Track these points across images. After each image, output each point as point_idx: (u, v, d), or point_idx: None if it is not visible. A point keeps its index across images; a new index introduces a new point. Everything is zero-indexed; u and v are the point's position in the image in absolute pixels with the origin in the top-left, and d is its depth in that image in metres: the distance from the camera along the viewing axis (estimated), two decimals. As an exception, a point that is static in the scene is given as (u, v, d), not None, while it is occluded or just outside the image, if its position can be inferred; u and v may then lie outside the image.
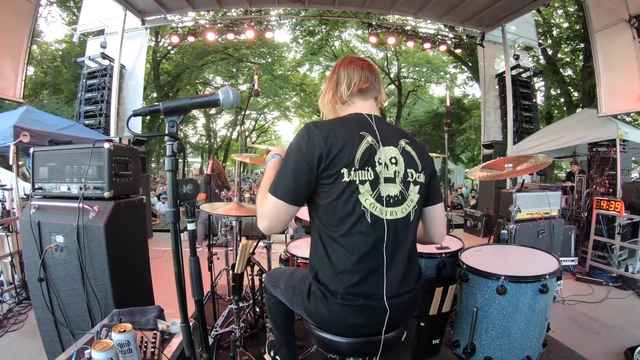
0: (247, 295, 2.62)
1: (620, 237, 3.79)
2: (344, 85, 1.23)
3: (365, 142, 1.12)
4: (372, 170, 1.11)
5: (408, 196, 1.17)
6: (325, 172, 1.07)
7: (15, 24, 4.04)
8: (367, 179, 1.10)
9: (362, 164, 1.09)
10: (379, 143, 1.14)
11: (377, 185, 1.11)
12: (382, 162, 1.13)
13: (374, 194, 1.10)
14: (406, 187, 1.17)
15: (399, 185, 1.15)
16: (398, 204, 1.14)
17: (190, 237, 1.05)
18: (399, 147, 1.18)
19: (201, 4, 6.52)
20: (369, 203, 1.10)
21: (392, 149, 1.16)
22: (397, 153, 1.17)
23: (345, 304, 1.12)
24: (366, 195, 1.09)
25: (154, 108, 0.98)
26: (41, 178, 2.02)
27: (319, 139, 1.08)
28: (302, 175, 1.08)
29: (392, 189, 1.14)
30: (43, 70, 14.75)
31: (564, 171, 13.12)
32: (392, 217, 1.13)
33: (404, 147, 1.20)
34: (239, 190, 2.74)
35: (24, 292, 3.06)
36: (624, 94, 4.29)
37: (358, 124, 1.16)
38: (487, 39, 7.27)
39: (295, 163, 1.09)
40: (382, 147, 1.14)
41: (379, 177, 1.12)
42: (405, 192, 1.16)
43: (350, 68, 1.24)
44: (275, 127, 25.44)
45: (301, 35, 16.04)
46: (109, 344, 1.12)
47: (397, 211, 1.14)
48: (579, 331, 2.66)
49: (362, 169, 1.09)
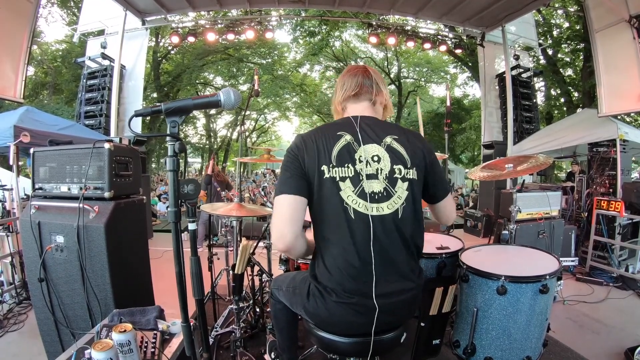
0: (247, 296, 2.62)
1: (620, 237, 3.79)
2: (339, 93, 1.33)
3: (342, 140, 1.18)
4: (352, 167, 1.15)
5: (395, 193, 1.17)
6: (309, 171, 1.15)
7: (16, 24, 4.04)
8: (347, 175, 1.14)
9: (340, 162, 1.15)
10: (359, 141, 1.18)
11: (358, 181, 1.14)
12: (363, 160, 1.16)
13: (356, 190, 1.14)
14: (392, 183, 1.17)
15: (382, 181, 1.16)
16: (383, 200, 1.15)
17: (192, 237, 1.05)
18: (382, 144, 1.20)
19: (201, 4, 6.53)
20: (352, 199, 1.13)
21: (374, 147, 1.19)
22: (381, 150, 1.19)
23: (341, 302, 1.13)
24: (348, 192, 1.13)
25: (156, 108, 0.98)
26: (41, 178, 2.02)
27: (301, 142, 1.19)
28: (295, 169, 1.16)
29: (376, 186, 1.15)
30: (43, 71, 14.74)
31: (564, 171, 13.13)
32: (377, 213, 1.14)
33: (390, 143, 1.21)
34: (240, 191, 2.74)
35: (24, 292, 3.06)
36: (624, 94, 4.30)
37: (340, 126, 1.22)
38: (487, 39, 7.27)
39: (287, 162, 1.18)
40: (363, 145, 1.18)
41: (360, 173, 1.15)
42: (391, 188, 1.17)
43: (346, 77, 1.33)
44: (275, 127, 25.44)
45: (301, 36, 16.04)
46: (109, 344, 1.12)
47: (383, 207, 1.15)
48: (579, 331, 2.66)
49: (340, 166, 1.14)
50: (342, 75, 1.36)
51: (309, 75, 19.95)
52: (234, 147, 21.80)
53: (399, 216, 1.16)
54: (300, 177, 1.15)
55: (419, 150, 1.24)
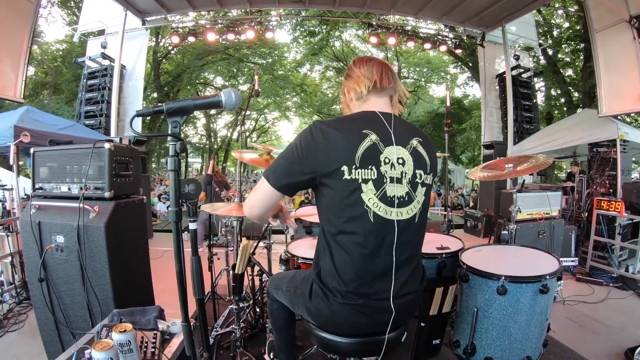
0: (247, 296, 2.62)
1: (620, 237, 3.79)
2: (363, 81, 1.19)
3: (368, 140, 1.08)
4: (376, 169, 1.08)
5: (415, 197, 1.14)
6: (325, 170, 1.06)
7: (16, 24, 4.04)
8: (370, 177, 1.07)
9: (364, 163, 1.06)
10: (385, 142, 1.10)
11: (381, 184, 1.08)
12: (388, 162, 1.09)
13: (377, 194, 1.08)
14: (414, 188, 1.14)
15: (405, 186, 1.12)
16: (404, 204, 1.12)
17: (192, 237, 1.05)
18: (409, 146, 1.15)
19: (201, 4, 6.52)
20: (372, 202, 1.07)
21: (400, 149, 1.12)
22: (406, 153, 1.13)
23: (346, 304, 1.12)
24: (369, 195, 1.07)
25: (157, 109, 0.98)
26: (42, 178, 2.02)
27: (319, 135, 1.07)
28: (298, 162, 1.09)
29: (399, 190, 1.11)
30: (43, 71, 14.74)
31: (564, 171, 13.13)
32: (398, 217, 1.10)
33: (416, 146, 1.16)
34: (240, 190, 2.74)
35: (24, 292, 3.06)
36: (624, 94, 4.29)
37: (365, 122, 1.13)
38: (487, 39, 7.26)
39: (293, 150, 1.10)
40: (389, 146, 1.11)
41: (384, 176, 1.09)
42: (413, 193, 1.13)
43: (368, 66, 1.21)
44: (275, 127, 25.43)
45: (301, 36, 16.05)
46: (109, 344, 1.12)
47: (403, 212, 1.12)
48: (579, 331, 2.66)
49: (363, 168, 1.06)
50: (361, 64, 1.23)
51: (309, 75, 19.96)
52: (234, 147, 21.80)
53: (416, 221, 1.15)
54: (295, 175, 1.09)
55: (435, 157, 1.23)
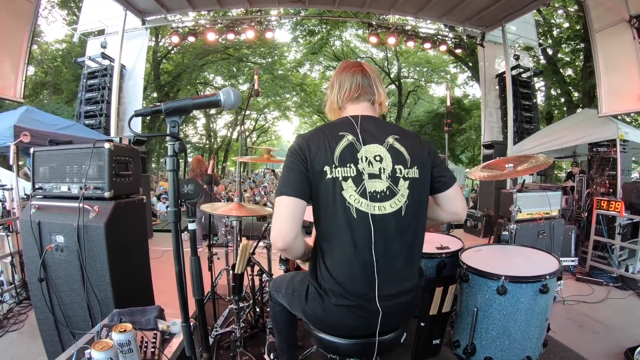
0: (247, 296, 2.62)
1: (620, 237, 3.79)
2: (337, 93, 1.30)
3: (344, 140, 1.17)
4: (354, 167, 1.15)
5: (398, 191, 1.16)
6: (311, 171, 1.14)
7: (16, 24, 4.03)
8: (349, 175, 1.14)
9: (342, 162, 1.14)
10: (360, 141, 1.17)
11: (360, 181, 1.14)
12: (365, 160, 1.16)
13: (358, 190, 1.13)
14: (395, 182, 1.17)
15: (385, 180, 1.16)
16: (386, 199, 1.15)
17: (191, 237, 1.05)
18: (385, 144, 1.20)
19: (201, 4, 6.52)
20: (354, 199, 1.13)
21: (377, 147, 1.19)
22: (383, 150, 1.19)
23: (340, 305, 1.12)
24: (350, 191, 1.13)
25: (156, 108, 0.98)
26: (41, 178, 2.02)
27: (303, 143, 1.17)
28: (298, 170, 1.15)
29: (379, 185, 1.15)
30: (43, 70, 14.74)
31: (564, 171, 13.12)
32: (379, 212, 1.13)
33: (392, 144, 1.21)
34: (240, 190, 2.74)
35: (24, 292, 3.06)
36: (624, 94, 4.29)
37: (341, 126, 1.21)
38: (487, 39, 7.26)
39: (289, 162, 1.17)
40: (365, 145, 1.17)
41: (362, 173, 1.14)
42: (394, 187, 1.16)
43: (343, 75, 1.30)
44: (275, 127, 25.45)
45: (301, 35, 16.05)
46: (109, 344, 1.12)
47: (386, 206, 1.14)
48: (579, 331, 2.66)
49: (342, 166, 1.14)
50: (338, 73, 1.33)
51: (309, 75, 19.97)
52: (234, 147, 21.79)
53: (402, 214, 1.15)
54: (301, 179, 1.14)
55: (419, 150, 1.23)
